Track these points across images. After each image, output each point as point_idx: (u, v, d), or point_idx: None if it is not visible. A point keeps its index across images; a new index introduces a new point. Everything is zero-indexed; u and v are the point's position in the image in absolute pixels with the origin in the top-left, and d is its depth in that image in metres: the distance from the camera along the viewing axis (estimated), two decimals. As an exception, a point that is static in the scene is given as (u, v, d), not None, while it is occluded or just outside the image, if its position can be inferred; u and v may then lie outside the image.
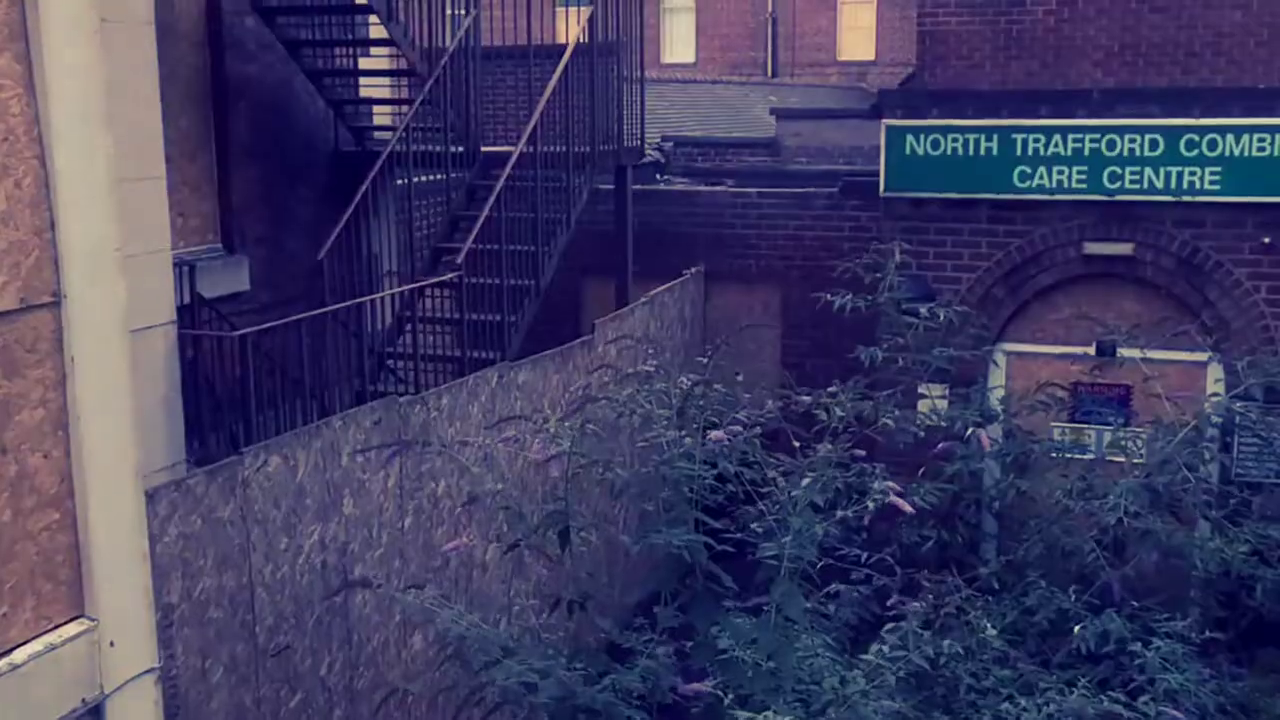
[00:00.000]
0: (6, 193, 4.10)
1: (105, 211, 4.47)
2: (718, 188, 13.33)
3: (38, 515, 4.25)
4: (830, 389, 7.30)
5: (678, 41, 38.00)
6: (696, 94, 22.87)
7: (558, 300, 12.72)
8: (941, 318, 9.14)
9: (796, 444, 6.85)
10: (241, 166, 9.86)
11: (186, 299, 9.23)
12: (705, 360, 6.71)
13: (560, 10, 41.50)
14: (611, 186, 11.93)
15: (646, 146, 17.39)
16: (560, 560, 6.07)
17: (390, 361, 9.25)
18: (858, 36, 36.74)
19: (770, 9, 36.75)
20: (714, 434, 5.84)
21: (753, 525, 6.11)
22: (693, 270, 12.60)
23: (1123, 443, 9.89)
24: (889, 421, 7.05)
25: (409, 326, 8.78)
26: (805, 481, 6.13)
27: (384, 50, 9.88)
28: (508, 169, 9.16)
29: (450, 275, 8.51)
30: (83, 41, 4.34)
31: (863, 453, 6.84)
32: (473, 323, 9.04)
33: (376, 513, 7.36)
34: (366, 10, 9.32)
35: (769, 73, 37.12)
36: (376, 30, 9.75)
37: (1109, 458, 10.28)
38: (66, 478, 4.37)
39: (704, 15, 37.38)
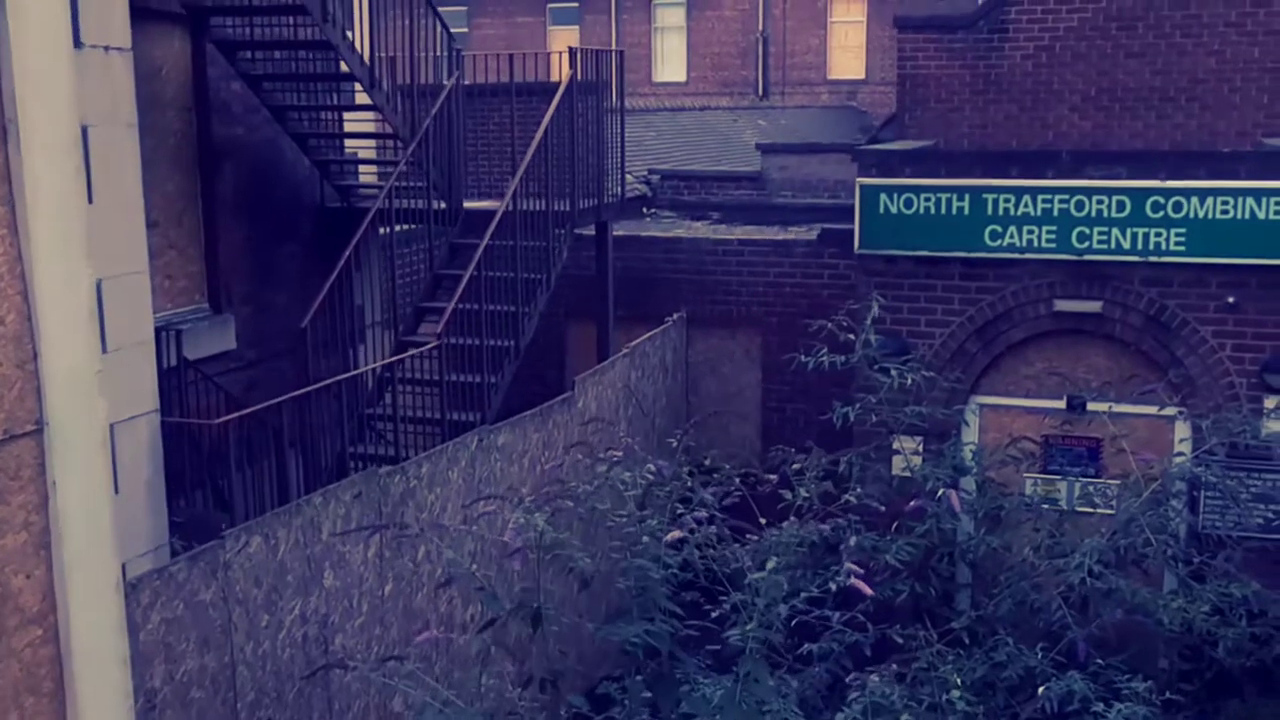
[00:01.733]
0: (-10, 330, 4.29)
1: (86, 336, 4.67)
2: (700, 233, 13.52)
3: (21, 633, 4.44)
4: (795, 465, 7.50)
5: (669, 61, 38.27)
6: (685, 122, 23.05)
7: (541, 344, 12.91)
8: (910, 381, 9.36)
9: (764, 521, 7.07)
10: (228, 226, 10.05)
11: (174, 361, 9.46)
12: (676, 443, 6.90)
13: (551, 30, 41.60)
14: (594, 232, 12.12)
15: (633, 178, 17.60)
16: (533, 642, 6.28)
17: (373, 421, 9.44)
18: (848, 56, 37.02)
19: (761, 28, 37.02)
20: (671, 534, 6.04)
21: (718, 610, 6.30)
22: (674, 316, 12.79)
23: (1092, 496, 10.12)
24: (852, 498, 7.26)
25: (392, 388, 8.97)
26: (769, 564, 6.32)
27: (369, 114, 10.08)
28: (489, 233, 9.35)
29: (430, 345, 8.71)
30: (65, 178, 4.54)
31: (828, 528, 7.06)
32: (453, 384, 9.24)
33: (357, 583, 7.56)
34: (350, 78, 9.51)
35: (760, 91, 37.38)
36: (362, 94, 9.94)
37: (1079, 508, 10.52)
38: (49, 594, 4.57)
39: (695, 35, 37.65)
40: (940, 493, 9.22)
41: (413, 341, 9.89)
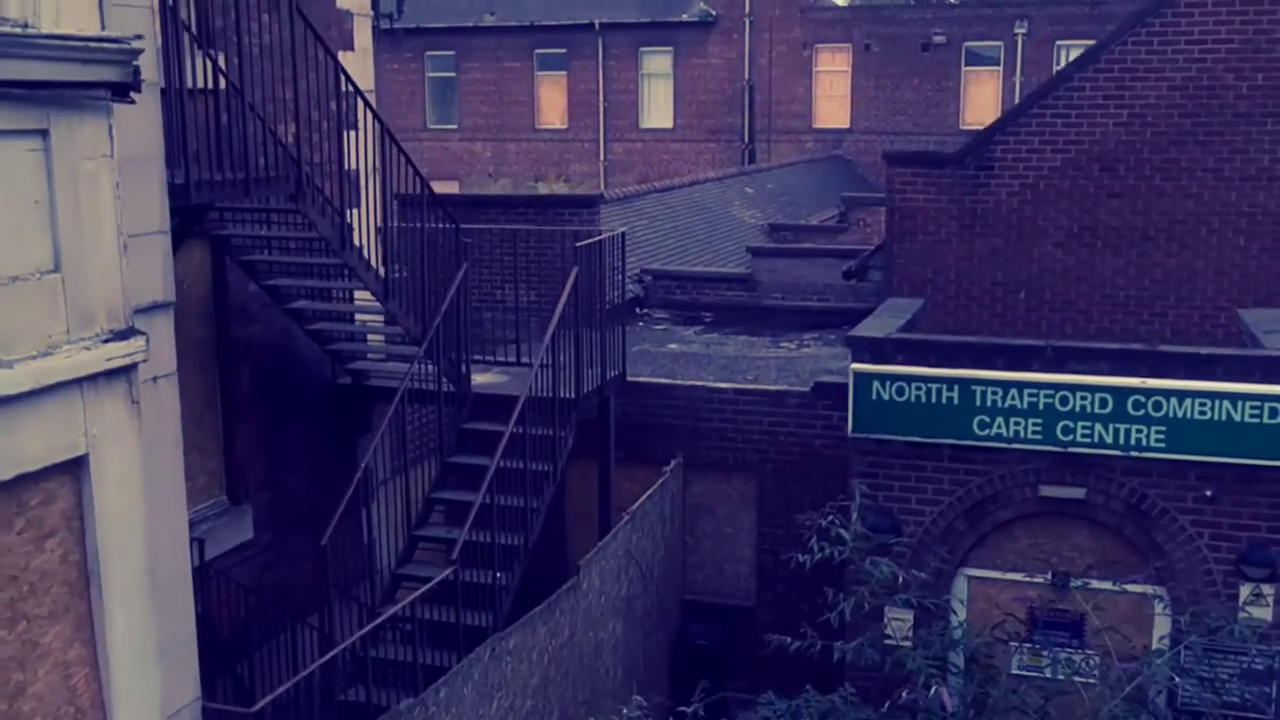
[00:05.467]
0: (74, 765, 4.67)
1: (155, 737, 5.05)
2: (695, 379, 13.88)
3: None
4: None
5: (656, 108, 38.66)
6: (674, 202, 23.44)
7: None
8: (900, 580, 9.81)
9: None
10: (245, 419, 10.41)
11: (195, 563, 9.82)
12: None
13: (539, 75, 41.77)
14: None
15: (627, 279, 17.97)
16: None
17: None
18: (833, 105, 37.49)
19: (747, 77, 37.45)
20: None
21: None
22: (672, 463, 13.19)
23: (1075, 672, 10.59)
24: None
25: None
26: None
27: (380, 318, 10.46)
28: (500, 449, 9.73)
29: (443, 575, 9.11)
30: (140, 610, 4.92)
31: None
32: (465, 585, 9.61)
33: (381, 820, 7.95)
34: (363, 286, 9.89)
35: (745, 139, 37.83)
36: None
37: (1061, 675, 10.98)
38: None
39: (682, 82, 38.06)
40: (933, 690, 9.70)
41: (423, 536, 10.28)
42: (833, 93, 37.53)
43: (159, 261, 6.35)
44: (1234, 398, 10.03)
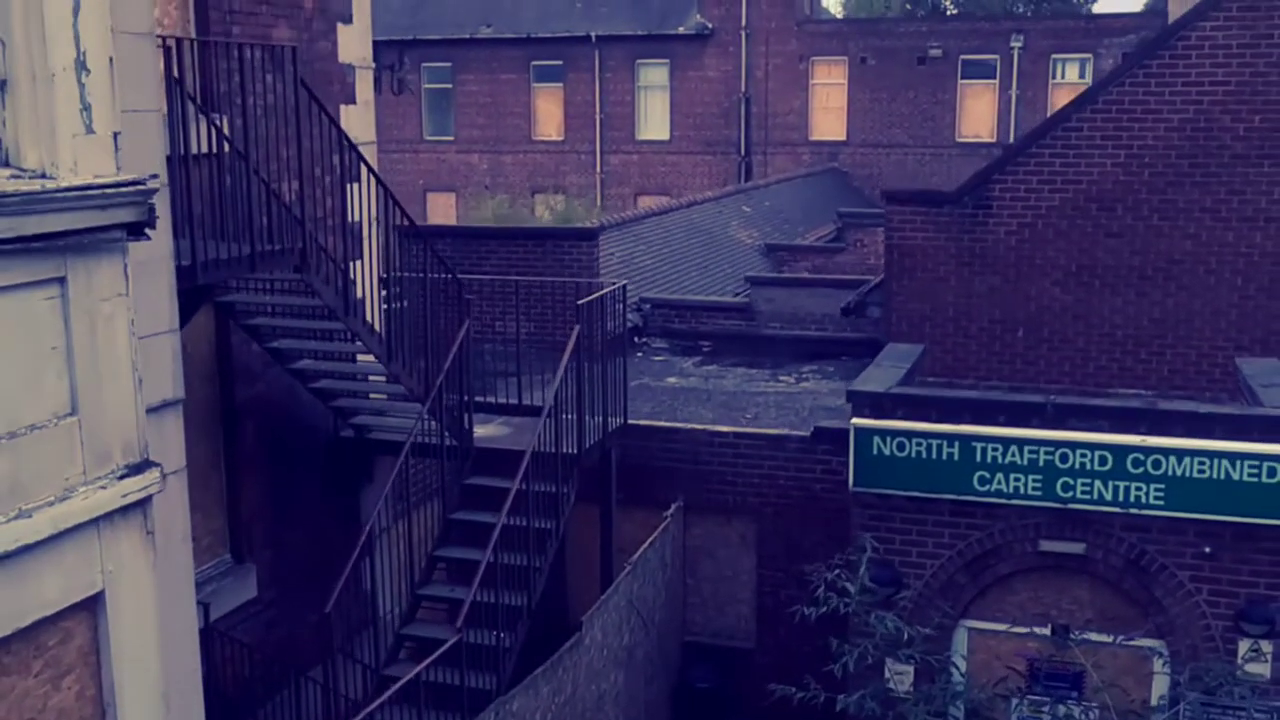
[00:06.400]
0: None
1: None
2: (696, 425, 13.92)
3: None
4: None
5: (652, 119, 38.69)
6: (671, 226, 23.47)
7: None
8: (905, 636, 9.89)
9: None
10: (248, 478, 10.44)
11: (200, 625, 9.85)
12: None
13: (535, 87, 41.79)
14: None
15: (626, 308, 18.00)
16: None
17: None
18: (829, 117, 37.54)
19: (743, 89, 37.48)
20: None
21: None
22: (673, 507, 13.23)
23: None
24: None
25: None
26: None
27: (382, 376, 10.47)
28: (505, 508, 9.78)
29: (451, 640, 9.15)
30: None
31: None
32: (469, 646, 9.65)
33: None
34: (365, 350, 9.92)
35: (742, 150, 37.89)
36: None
37: (1063, 731, 11.08)
38: None
39: (678, 94, 38.09)
40: (934, 749, 9.79)
41: (427, 595, 10.33)
42: (829, 105, 37.60)
43: (169, 361, 6.39)
44: (1233, 457, 10.10)
